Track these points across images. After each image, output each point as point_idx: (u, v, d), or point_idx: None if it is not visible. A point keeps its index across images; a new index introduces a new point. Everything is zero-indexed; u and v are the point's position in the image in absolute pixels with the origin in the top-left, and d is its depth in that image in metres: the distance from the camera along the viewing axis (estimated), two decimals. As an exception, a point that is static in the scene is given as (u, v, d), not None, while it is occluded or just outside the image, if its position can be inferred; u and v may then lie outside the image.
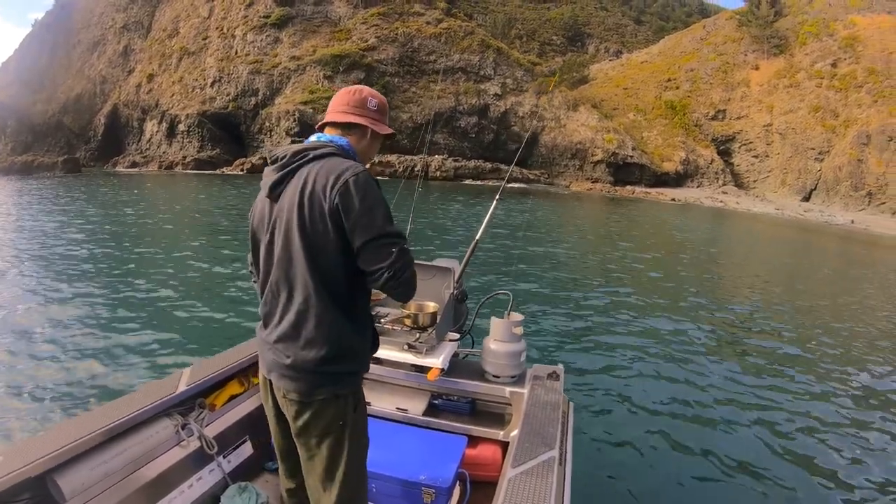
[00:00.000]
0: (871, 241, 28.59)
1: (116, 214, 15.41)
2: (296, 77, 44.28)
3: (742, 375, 5.65)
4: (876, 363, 6.62)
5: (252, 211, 1.67)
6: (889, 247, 26.36)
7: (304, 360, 1.51)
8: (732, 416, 4.62)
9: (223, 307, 6.77)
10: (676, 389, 5.11)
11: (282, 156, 1.56)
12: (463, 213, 21.02)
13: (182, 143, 45.71)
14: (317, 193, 1.45)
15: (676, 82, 52.26)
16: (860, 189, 44.39)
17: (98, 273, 8.33)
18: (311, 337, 1.51)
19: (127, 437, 2.00)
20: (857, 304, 10.29)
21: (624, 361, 5.72)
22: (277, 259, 1.53)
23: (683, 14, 78.93)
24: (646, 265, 12.31)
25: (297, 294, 1.51)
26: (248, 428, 2.52)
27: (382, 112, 1.71)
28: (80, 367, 4.80)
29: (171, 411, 2.22)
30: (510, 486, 1.76)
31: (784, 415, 4.78)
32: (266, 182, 1.57)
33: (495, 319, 2.63)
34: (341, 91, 1.69)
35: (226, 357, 2.60)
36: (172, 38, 54.20)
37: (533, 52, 58.58)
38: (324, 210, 1.44)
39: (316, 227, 1.46)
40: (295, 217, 1.47)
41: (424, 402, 2.70)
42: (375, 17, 45.94)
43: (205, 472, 2.26)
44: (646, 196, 40.91)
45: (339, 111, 1.64)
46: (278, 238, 1.52)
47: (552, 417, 2.23)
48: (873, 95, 47.27)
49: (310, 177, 1.47)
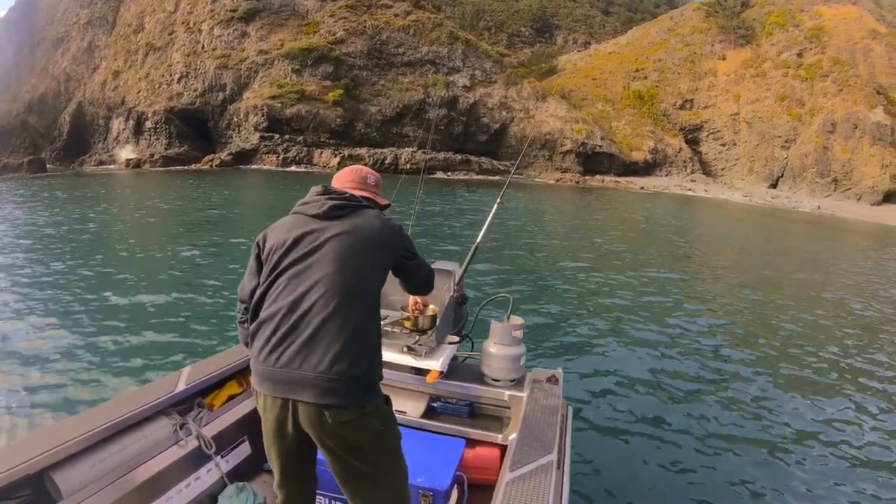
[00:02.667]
0: (837, 225, 29.43)
1: (85, 216, 14.82)
2: (263, 71, 43.73)
3: (743, 377, 5.56)
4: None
5: (269, 232, 1.78)
6: (853, 231, 27.14)
7: (354, 370, 1.58)
8: (733, 419, 4.58)
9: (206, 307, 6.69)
10: (676, 394, 5.05)
11: (342, 192, 1.83)
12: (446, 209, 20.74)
13: (149, 140, 44.89)
14: (384, 229, 1.76)
15: (644, 72, 52.83)
16: (826, 176, 45.31)
17: (71, 275, 8.07)
18: (360, 345, 1.61)
19: (125, 436, 1.99)
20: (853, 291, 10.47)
21: (622, 365, 5.63)
22: (334, 269, 1.62)
23: (651, 5, 79.74)
24: (634, 261, 12.19)
25: (349, 304, 1.62)
26: (246, 428, 2.51)
27: (378, 186, 2.02)
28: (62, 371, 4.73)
29: (169, 410, 2.22)
30: (508, 490, 1.76)
31: (789, 420, 4.70)
32: (322, 204, 1.74)
33: (495, 323, 2.62)
34: (343, 170, 2.00)
35: (225, 357, 2.61)
36: (138, 34, 53.09)
37: (501, 44, 58.51)
38: (388, 241, 1.77)
39: (380, 253, 1.74)
40: (368, 240, 1.71)
41: (423, 405, 2.69)
42: (343, 10, 45.53)
43: (202, 472, 2.26)
44: (615, 185, 41.28)
45: (347, 186, 1.92)
46: (336, 252, 1.65)
47: (551, 421, 2.23)
48: (838, 84, 48.26)
49: (371, 216, 1.78)
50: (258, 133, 40.83)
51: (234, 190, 24.74)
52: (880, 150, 43.69)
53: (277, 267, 1.67)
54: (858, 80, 47.86)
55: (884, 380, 5.90)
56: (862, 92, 46.72)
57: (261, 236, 1.79)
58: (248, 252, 1.84)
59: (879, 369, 6.22)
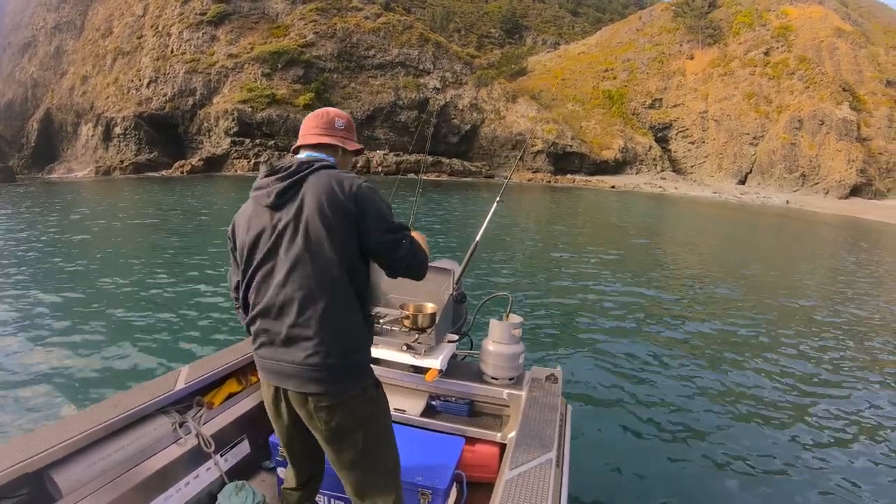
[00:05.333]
0: (805, 217, 30.04)
1: (60, 225, 14.34)
2: (234, 75, 43.39)
3: (744, 377, 5.53)
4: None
5: (235, 225, 1.72)
6: (822, 223, 27.69)
7: (329, 358, 1.57)
8: (733, 418, 4.57)
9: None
10: (675, 392, 5.02)
11: (287, 166, 1.65)
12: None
13: (119, 146, 44.28)
14: (336, 198, 1.55)
15: (614, 72, 53.44)
16: (794, 171, 46.23)
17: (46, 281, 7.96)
18: (333, 333, 1.58)
19: (124, 434, 1.99)
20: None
21: (622, 363, 5.61)
22: (292, 264, 1.57)
23: (620, 6, 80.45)
24: (634, 260, 12.09)
25: (316, 294, 1.57)
26: (245, 427, 2.51)
27: (350, 129, 1.83)
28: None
29: (168, 409, 2.21)
30: (507, 488, 1.75)
31: (784, 414, 4.71)
32: (270, 191, 1.61)
33: (494, 321, 2.61)
34: (309, 116, 1.81)
35: (224, 355, 2.60)
36: (106, 38, 52.31)
37: (471, 46, 58.65)
38: (343, 213, 1.55)
39: (336, 229, 1.56)
40: (317, 221, 1.55)
41: (422, 403, 2.67)
42: (313, 13, 45.39)
43: (202, 471, 2.25)
44: (586, 184, 41.69)
45: (311, 134, 1.76)
46: (290, 243, 1.57)
47: (550, 419, 2.22)
48: (805, 82, 49.24)
49: (321, 185, 1.58)
50: (229, 138, 40.52)
51: (206, 197, 24.22)
52: (847, 145, 44.71)
53: (248, 268, 1.68)
54: (824, 78, 48.90)
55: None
56: (828, 89, 47.74)
57: (230, 229, 1.76)
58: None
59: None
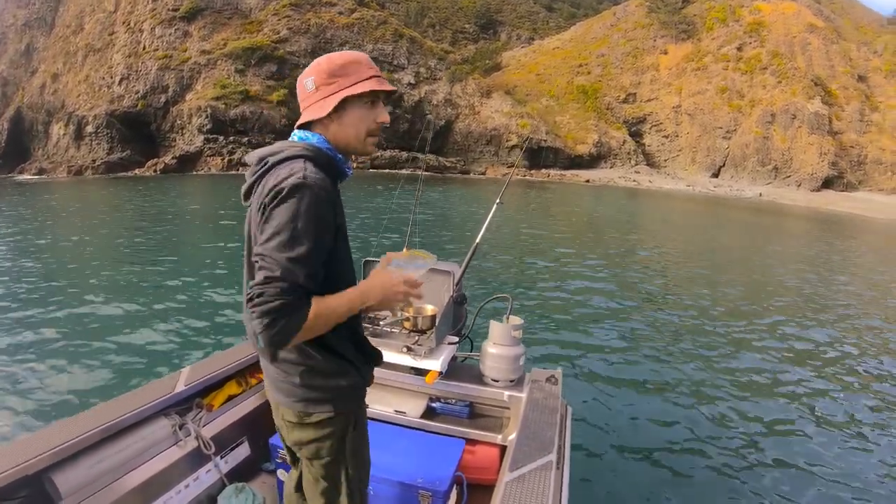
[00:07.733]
0: (778, 210, 30.52)
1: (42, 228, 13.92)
2: (206, 72, 43.01)
3: (745, 376, 5.52)
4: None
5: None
6: (794, 215, 28.26)
7: (288, 380, 1.42)
8: (734, 418, 4.56)
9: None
10: (677, 392, 5.00)
11: (251, 162, 1.41)
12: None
13: (91, 145, 43.67)
14: (262, 197, 1.29)
15: (588, 67, 53.94)
16: (766, 164, 47.00)
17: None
18: (288, 358, 1.40)
19: (124, 437, 1.98)
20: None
21: (622, 365, 5.58)
22: (247, 269, 1.47)
23: (594, 1, 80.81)
24: (632, 259, 12.08)
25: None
26: (245, 429, 2.50)
27: (333, 74, 1.35)
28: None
29: (168, 411, 2.20)
30: (507, 490, 1.74)
31: (788, 416, 4.67)
32: (245, 185, 1.43)
33: (494, 323, 2.59)
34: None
35: (224, 357, 2.59)
36: (77, 35, 51.52)
37: (446, 41, 58.80)
38: (261, 215, 1.29)
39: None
40: (251, 225, 1.38)
41: (422, 405, 2.65)
42: (287, 8, 45.15)
43: (202, 473, 2.24)
44: (561, 178, 41.99)
45: (302, 108, 1.42)
46: (246, 247, 1.44)
47: (550, 421, 2.20)
48: (777, 77, 50.04)
49: (270, 179, 1.30)
50: (202, 135, 40.15)
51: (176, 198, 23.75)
52: (818, 138, 45.56)
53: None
54: (797, 73, 49.76)
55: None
56: (800, 84, 48.59)
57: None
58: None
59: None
